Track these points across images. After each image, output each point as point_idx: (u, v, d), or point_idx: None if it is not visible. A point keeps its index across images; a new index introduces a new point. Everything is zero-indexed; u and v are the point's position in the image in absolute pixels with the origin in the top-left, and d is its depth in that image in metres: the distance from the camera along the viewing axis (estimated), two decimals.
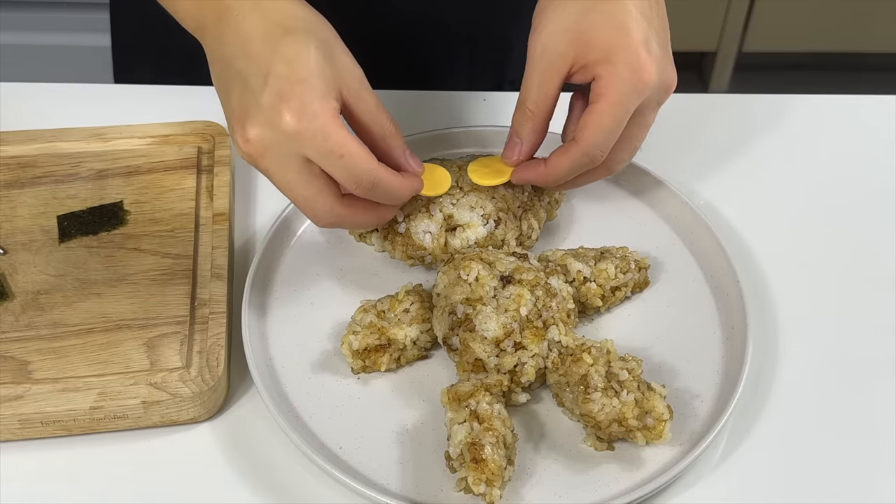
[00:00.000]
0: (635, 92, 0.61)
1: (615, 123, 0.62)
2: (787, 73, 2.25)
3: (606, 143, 0.63)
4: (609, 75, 0.61)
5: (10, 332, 0.66)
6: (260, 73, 0.57)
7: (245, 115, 0.58)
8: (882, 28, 2.15)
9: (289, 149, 0.58)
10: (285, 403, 0.63)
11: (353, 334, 0.64)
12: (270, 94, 0.57)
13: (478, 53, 0.95)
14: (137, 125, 0.80)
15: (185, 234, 0.72)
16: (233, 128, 0.59)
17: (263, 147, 0.58)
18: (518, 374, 0.62)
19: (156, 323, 0.66)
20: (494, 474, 0.56)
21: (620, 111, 0.61)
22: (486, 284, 0.63)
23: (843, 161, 0.83)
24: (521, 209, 0.71)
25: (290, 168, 0.59)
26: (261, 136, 0.57)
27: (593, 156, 0.63)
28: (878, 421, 0.65)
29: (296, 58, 0.57)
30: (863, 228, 0.78)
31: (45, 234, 0.72)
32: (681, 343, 0.67)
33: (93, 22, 1.74)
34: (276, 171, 0.59)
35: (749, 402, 0.65)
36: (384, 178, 0.60)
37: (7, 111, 0.83)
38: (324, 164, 0.58)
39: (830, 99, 0.90)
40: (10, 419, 0.61)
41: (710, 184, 0.80)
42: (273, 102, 0.57)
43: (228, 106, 0.60)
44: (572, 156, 0.64)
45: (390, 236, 0.70)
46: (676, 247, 0.73)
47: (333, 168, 0.59)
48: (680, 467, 0.59)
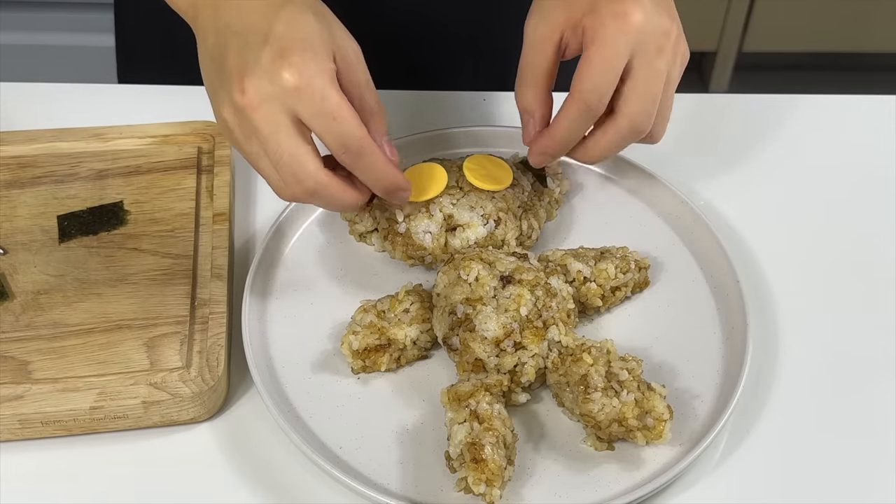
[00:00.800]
0: (620, 34, 0.61)
1: (603, 65, 0.61)
2: (787, 73, 2.25)
3: (599, 87, 0.62)
4: (593, 24, 0.62)
5: (10, 332, 0.66)
6: (260, 33, 0.58)
7: (243, 70, 0.58)
8: (882, 28, 2.15)
9: (283, 105, 0.57)
10: (285, 403, 0.63)
11: (353, 334, 0.64)
12: (270, 51, 0.57)
13: (480, 55, 0.95)
14: (137, 125, 0.80)
15: (185, 234, 0.72)
16: (226, 86, 0.58)
17: (259, 100, 0.57)
18: (518, 374, 0.62)
19: (156, 323, 0.66)
20: (494, 474, 0.56)
21: (608, 52, 0.61)
22: (486, 284, 0.63)
23: (843, 161, 0.83)
24: (521, 209, 0.71)
25: (280, 124, 0.58)
26: (258, 89, 0.57)
27: (589, 102, 0.62)
28: (878, 421, 0.65)
29: (295, 21, 0.58)
30: (863, 228, 0.78)
31: (45, 234, 0.72)
32: (681, 343, 0.67)
33: (97, 22, 1.74)
34: (265, 126, 0.58)
35: (749, 402, 0.65)
36: (372, 149, 0.60)
37: (7, 111, 0.83)
38: (316, 124, 0.58)
39: (830, 99, 0.89)
40: (10, 419, 0.61)
41: (710, 184, 0.80)
42: (273, 58, 0.57)
43: (223, 70, 0.59)
44: (569, 109, 0.63)
45: (390, 236, 0.70)
46: (676, 247, 0.73)
47: (325, 129, 0.58)
48: (680, 467, 0.59)
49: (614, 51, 0.61)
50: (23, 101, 0.85)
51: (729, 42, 2.16)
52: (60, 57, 1.83)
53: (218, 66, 0.60)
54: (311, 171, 0.60)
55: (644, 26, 0.61)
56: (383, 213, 0.71)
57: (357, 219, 0.73)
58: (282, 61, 0.57)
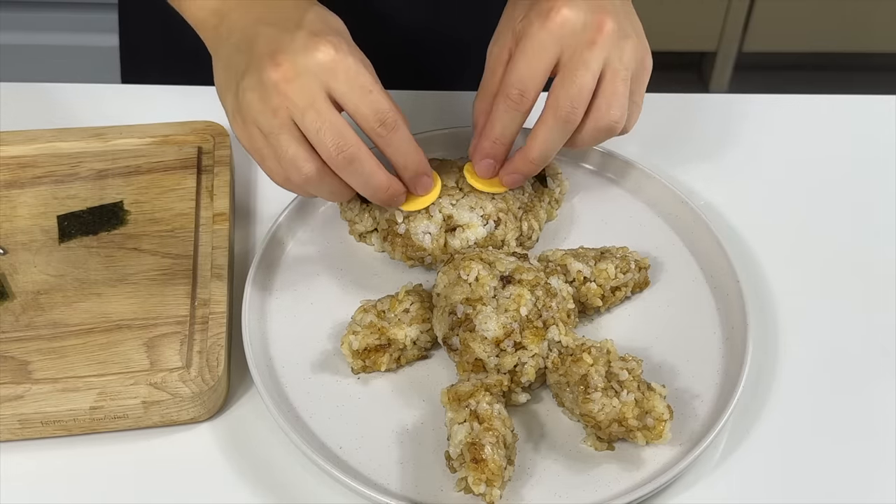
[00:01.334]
0: (544, 30, 0.63)
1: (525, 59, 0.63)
2: (787, 73, 2.25)
3: (523, 80, 0.64)
4: (523, 25, 0.64)
5: (10, 332, 0.66)
6: (292, 21, 0.61)
7: (276, 49, 0.60)
8: (882, 28, 2.15)
9: (318, 79, 0.60)
10: (285, 403, 0.63)
11: (353, 334, 0.64)
12: (304, 33, 0.60)
13: (481, 63, 0.95)
14: (137, 125, 0.80)
15: (185, 234, 0.72)
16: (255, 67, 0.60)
17: (294, 73, 0.59)
18: (518, 374, 0.62)
19: (156, 323, 0.66)
20: (494, 474, 0.56)
21: (529, 47, 0.63)
22: (486, 284, 0.63)
23: (843, 161, 0.83)
24: (522, 209, 0.72)
25: (316, 96, 0.60)
26: (293, 62, 0.59)
27: (511, 95, 0.64)
28: (877, 421, 0.65)
29: (325, 16, 0.62)
30: (863, 228, 0.78)
31: (45, 234, 0.72)
32: (681, 343, 0.67)
33: (102, 22, 1.74)
34: (301, 98, 0.60)
35: (749, 402, 0.65)
36: (405, 126, 0.63)
37: (7, 111, 0.83)
38: (351, 98, 0.60)
39: (830, 99, 0.89)
40: (10, 419, 0.61)
41: (711, 184, 0.80)
42: (307, 39, 0.60)
43: (250, 55, 0.61)
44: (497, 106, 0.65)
45: (390, 237, 0.70)
46: (676, 247, 0.73)
47: (361, 101, 0.60)
48: (680, 467, 0.59)
49: (539, 45, 0.63)
50: (23, 101, 0.85)
51: (729, 42, 2.16)
52: (64, 57, 1.83)
53: (244, 55, 0.62)
54: (352, 138, 0.61)
55: (571, 22, 0.63)
56: (383, 214, 0.71)
57: (357, 219, 0.73)
58: (317, 40, 0.60)
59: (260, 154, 0.63)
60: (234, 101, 0.62)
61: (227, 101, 0.64)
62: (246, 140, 0.63)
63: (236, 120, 0.63)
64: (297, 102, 0.60)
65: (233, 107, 0.63)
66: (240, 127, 0.63)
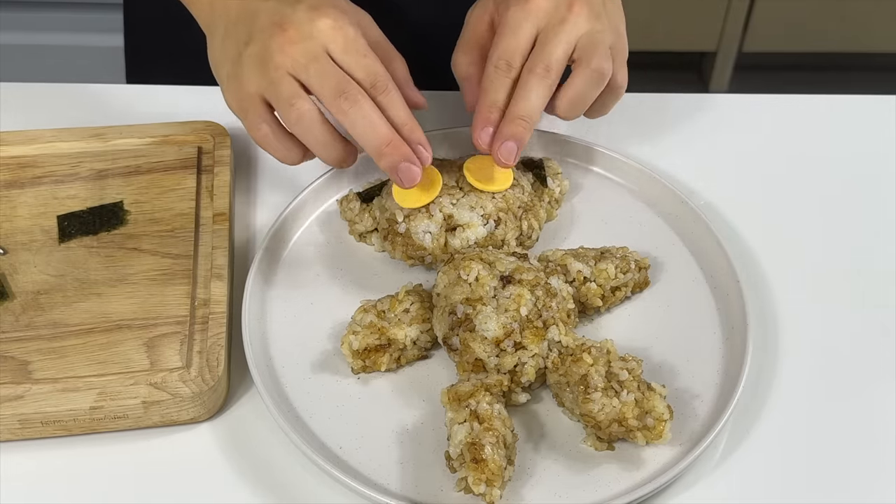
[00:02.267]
0: (521, 11, 0.68)
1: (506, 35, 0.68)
2: (787, 73, 2.25)
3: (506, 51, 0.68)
4: (503, 11, 0.69)
5: (10, 332, 0.66)
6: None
7: (279, 21, 0.64)
8: (882, 28, 2.15)
9: (319, 42, 0.64)
10: (285, 403, 0.63)
11: (353, 334, 0.64)
12: (305, 6, 0.65)
13: None
14: (137, 125, 0.80)
15: (185, 234, 0.72)
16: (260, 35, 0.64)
17: (299, 37, 0.64)
18: (518, 374, 0.62)
19: (156, 323, 0.66)
20: (494, 474, 0.56)
21: (509, 25, 0.68)
22: (486, 284, 0.63)
23: (843, 161, 0.83)
24: (522, 209, 0.72)
25: (319, 55, 0.64)
26: (298, 28, 0.64)
27: (498, 66, 0.68)
28: (877, 421, 0.65)
29: None
30: (863, 228, 0.78)
31: (45, 234, 0.72)
32: (681, 343, 0.67)
33: (107, 22, 1.74)
34: (304, 56, 0.64)
35: (749, 402, 0.65)
36: (396, 90, 0.66)
37: (7, 111, 0.83)
38: (348, 59, 0.64)
39: (830, 99, 0.89)
40: (10, 419, 0.61)
41: (710, 184, 0.80)
42: (308, 11, 0.64)
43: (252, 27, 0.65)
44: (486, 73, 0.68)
45: (390, 236, 0.70)
46: (676, 247, 0.73)
47: (356, 63, 0.65)
48: (680, 467, 0.59)
49: (515, 23, 0.68)
50: (23, 101, 0.85)
51: (729, 42, 2.16)
52: (69, 57, 1.83)
53: (245, 26, 0.65)
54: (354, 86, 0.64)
55: (546, 6, 0.68)
56: (383, 214, 0.71)
57: (357, 219, 0.73)
58: (317, 13, 0.64)
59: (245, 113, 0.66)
60: (232, 68, 0.66)
61: (224, 69, 0.67)
62: (236, 102, 0.66)
63: (231, 84, 0.66)
64: (299, 59, 0.64)
65: (229, 73, 0.66)
66: (234, 89, 0.66)
